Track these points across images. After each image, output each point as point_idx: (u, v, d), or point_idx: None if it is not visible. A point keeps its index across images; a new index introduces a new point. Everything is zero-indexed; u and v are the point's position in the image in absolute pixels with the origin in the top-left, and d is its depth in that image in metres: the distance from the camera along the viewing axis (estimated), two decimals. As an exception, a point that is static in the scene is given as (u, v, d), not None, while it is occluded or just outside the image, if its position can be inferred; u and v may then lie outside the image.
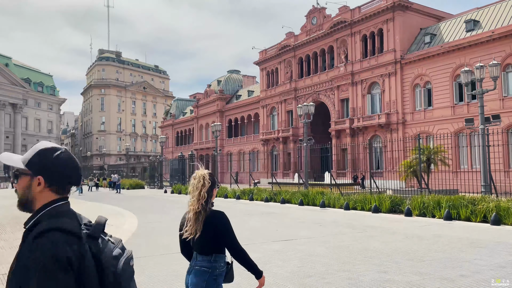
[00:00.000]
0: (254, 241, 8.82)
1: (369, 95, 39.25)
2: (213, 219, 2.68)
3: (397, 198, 15.21)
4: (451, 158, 29.73)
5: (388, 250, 7.84)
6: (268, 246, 8.24)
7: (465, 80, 16.32)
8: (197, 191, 2.69)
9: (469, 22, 32.77)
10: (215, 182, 2.78)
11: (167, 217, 14.32)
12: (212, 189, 2.74)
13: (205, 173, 2.76)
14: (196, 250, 2.74)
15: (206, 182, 2.70)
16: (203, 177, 2.72)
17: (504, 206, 11.91)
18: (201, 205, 2.67)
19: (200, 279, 2.68)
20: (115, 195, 28.56)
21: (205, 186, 2.69)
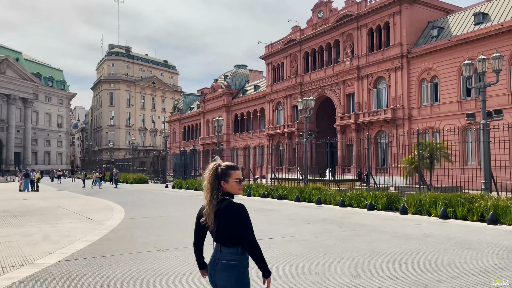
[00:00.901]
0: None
1: (375, 90, 38.57)
2: (228, 211, 2.62)
3: (393, 195, 14.78)
4: (457, 154, 29.06)
5: (369, 251, 7.48)
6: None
7: (467, 74, 15.74)
8: (206, 182, 2.71)
9: (478, 15, 31.85)
10: (223, 173, 2.68)
11: (156, 212, 14.12)
12: (220, 180, 2.67)
13: (216, 164, 2.73)
14: (220, 242, 2.68)
15: (212, 173, 2.68)
16: (212, 168, 2.71)
17: (502, 205, 11.42)
18: (210, 196, 2.67)
19: (230, 274, 2.62)
20: (115, 190, 28.58)
21: (212, 177, 2.68)
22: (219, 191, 2.67)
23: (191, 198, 20.00)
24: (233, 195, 2.72)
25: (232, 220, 2.62)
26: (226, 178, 2.68)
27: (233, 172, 2.70)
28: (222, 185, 2.67)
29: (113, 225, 10.50)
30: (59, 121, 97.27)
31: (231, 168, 2.72)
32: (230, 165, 2.75)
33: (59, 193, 25.99)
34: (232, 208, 2.63)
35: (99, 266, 6.21)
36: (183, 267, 6.10)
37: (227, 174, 2.68)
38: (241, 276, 2.65)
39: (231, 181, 2.68)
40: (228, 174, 2.69)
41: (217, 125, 31.34)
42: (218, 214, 2.64)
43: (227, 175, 2.68)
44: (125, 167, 51.87)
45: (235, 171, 2.72)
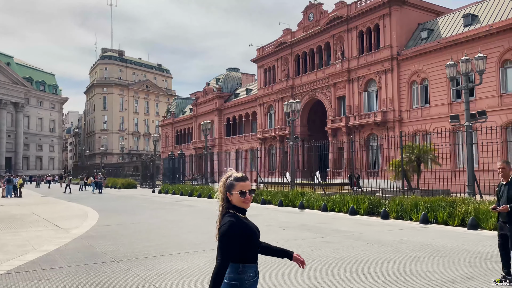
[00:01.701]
0: (183, 250, 8.12)
1: (365, 93, 38.34)
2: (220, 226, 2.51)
3: (376, 200, 14.42)
4: (447, 157, 28.79)
5: (334, 260, 7.10)
6: (193, 256, 7.52)
7: (450, 75, 15.45)
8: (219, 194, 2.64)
9: (467, 17, 31.72)
10: (230, 185, 2.57)
11: (131, 219, 13.68)
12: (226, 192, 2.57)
13: (228, 175, 2.63)
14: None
15: (223, 184, 2.61)
16: (223, 179, 2.64)
17: (483, 209, 11.08)
18: (219, 209, 2.61)
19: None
20: (99, 195, 28.11)
21: (223, 188, 2.61)
22: (225, 205, 2.59)
23: (173, 204, 19.56)
24: (241, 208, 2.58)
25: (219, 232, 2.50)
26: (230, 190, 2.56)
27: (237, 183, 2.56)
28: (229, 197, 2.57)
29: (79, 234, 10.07)
30: (51, 125, 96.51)
31: (236, 179, 2.58)
32: (238, 176, 2.60)
33: (41, 199, 25.48)
34: (225, 220, 2.50)
35: (37, 279, 5.79)
36: (127, 281, 5.68)
37: (232, 186, 2.57)
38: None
39: (235, 193, 2.55)
40: (233, 186, 2.56)
41: (205, 129, 30.94)
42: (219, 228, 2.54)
43: (231, 186, 2.57)
44: (116, 172, 51.31)
45: (240, 183, 2.57)
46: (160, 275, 5.92)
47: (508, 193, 5.69)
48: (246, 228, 2.53)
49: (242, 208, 2.58)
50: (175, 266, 6.49)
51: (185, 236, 9.77)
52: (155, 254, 7.49)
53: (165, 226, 11.69)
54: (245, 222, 2.55)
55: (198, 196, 23.95)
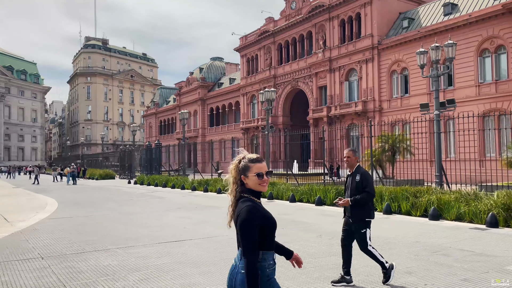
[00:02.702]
0: (121, 244, 7.73)
1: (347, 82, 38.07)
2: (238, 211, 2.32)
3: (343, 190, 14.13)
4: (426, 147, 28.74)
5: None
6: (126, 252, 7.13)
7: (421, 62, 15.17)
8: (229, 176, 2.44)
9: (447, 6, 31.50)
10: (245, 167, 2.38)
11: (90, 211, 13.21)
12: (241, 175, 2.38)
13: (240, 157, 2.43)
14: (239, 246, 2.34)
15: (235, 167, 2.41)
16: (235, 162, 2.43)
17: (445, 199, 10.88)
18: (230, 192, 2.43)
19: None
20: (72, 186, 27.49)
21: (235, 171, 2.41)
22: (239, 188, 2.39)
23: (143, 196, 19.09)
24: (257, 192, 2.38)
25: (238, 222, 2.30)
26: (246, 172, 2.37)
27: (253, 165, 2.38)
28: (243, 180, 2.38)
29: (23, 227, 9.60)
30: (33, 115, 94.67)
31: (251, 160, 2.40)
32: (252, 157, 2.42)
33: (10, 190, 24.77)
34: (242, 208, 2.30)
35: None
36: (37, 281, 5.24)
37: (247, 168, 2.38)
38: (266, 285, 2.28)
39: (251, 175, 2.36)
40: (248, 168, 2.38)
41: (183, 118, 30.38)
42: (235, 213, 2.35)
43: (247, 168, 2.38)
44: (96, 162, 50.43)
45: (256, 164, 2.38)
46: (79, 273, 5.52)
47: (351, 185, 5.15)
48: (265, 212, 2.33)
49: (258, 191, 2.39)
50: (100, 263, 6.09)
51: (133, 230, 9.36)
52: (90, 249, 7.08)
53: (119, 219, 11.27)
54: (262, 206, 2.37)
55: (172, 187, 23.51)
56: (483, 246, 7.35)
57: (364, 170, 5.30)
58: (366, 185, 5.10)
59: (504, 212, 9.43)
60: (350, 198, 5.11)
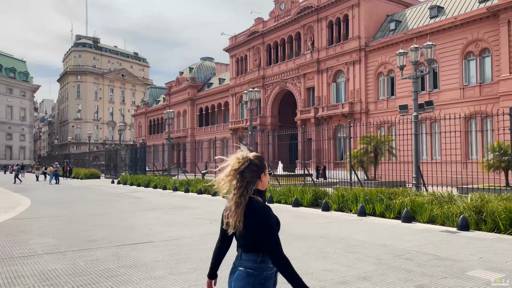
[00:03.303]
0: (61, 249, 7.48)
1: (334, 84, 38.07)
2: (255, 212, 2.25)
3: (320, 191, 14.03)
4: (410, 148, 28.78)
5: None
6: (61, 257, 6.89)
7: (400, 63, 15.10)
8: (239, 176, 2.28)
9: (434, 8, 31.62)
10: (263, 166, 2.35)
11: (60, 211, 12.92)
12: (256, 175, 2.30)
13: (250, 155, 2.35)
14: (240, 247, 2.35)
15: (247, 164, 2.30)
16: (243, 159, 2.32)
17: (419, 201, 10.77)
18: (241, 192, 2.27)
19: (245, 282, 2.28)
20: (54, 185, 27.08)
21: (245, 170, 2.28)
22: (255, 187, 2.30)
23: (121, 196, 18.80)
24: (261, 191, 2.35)
25: (256, 223, 2.24)
26: (264, 170, 2.34)
27: (265, 163, 2.40)
28: (262, 178, 2.33)
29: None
30: (22, 114, 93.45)
31: (263, 158, 2.40)
32: (260, 155, 2.40)
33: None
34: (258, 208, 2.26)
35: None
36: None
37: (265, 166, 2.36)
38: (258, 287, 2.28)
39: (266, 173, 2.37)
40: (265, 166, 2.37)
41: (168, 118, 30.10)
42: (247, 215, 2.26)
43: (265, 167, 2.36)
44: (83, 161, 49.87)
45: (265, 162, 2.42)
46: (19, 278, 5.27)
47: None
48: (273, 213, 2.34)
49: (263, 190, 2.37)
50: (47, 266, 5.85)
51: (96, 231, 9.11)
52: (41, 252, 6.83)
53: (87, 219, 11.00)
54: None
55: (154, 187, 23.23)
56: (449, 250, 7.24)
57: None
58: None
59: (475, 215, 9.35)
60: None
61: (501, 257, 6.60)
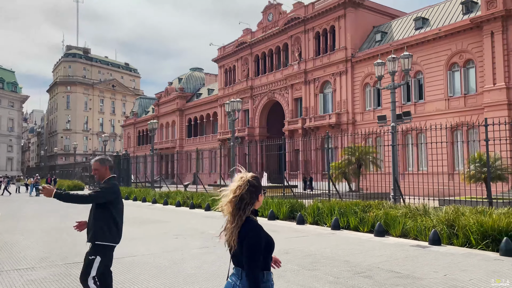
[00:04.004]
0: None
1: (321, 94, 37.99)
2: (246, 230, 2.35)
3: (297, 204, 13.66)
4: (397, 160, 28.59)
5: (186, 275, 6.18)
6: None
7: (378, 74, 14.93)
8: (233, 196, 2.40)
9: (418, 20, 31.80)
10: (259, 187, 2.46)
11: (24, 226, 12.42)
12: (254, 196, 2.42)
13: (247, 176, 2.46)
14: (238, 265, 2.40)
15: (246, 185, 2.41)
16: (244, 180, 2.43)
17: (393, 214, 10.45)
18: (239, 214, 2.38)
19: None
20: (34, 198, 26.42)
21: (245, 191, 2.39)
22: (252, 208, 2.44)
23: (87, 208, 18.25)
24: (256, 211, 2.49)
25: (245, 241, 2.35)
26: (261, 191, 2.48)
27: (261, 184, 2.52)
28: (259, 199, 2.46)
29: None
30: (10, 124, 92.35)
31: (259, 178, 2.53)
32: (256, 175, 2.51)
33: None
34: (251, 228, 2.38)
35: None
36: None
37: (261, 187, 2.48)
38: None
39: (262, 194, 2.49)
40: (261, 186, 2.49)
41: (151, 129, 29.67)
42: (241, 234, 2.38)
43: (261, 188, 2.48)
44: (69, 173, 49.05)
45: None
46: None
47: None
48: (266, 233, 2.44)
49: (257, 210, 2.49)
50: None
51: (39, 249, 8.66)
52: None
53: (41, 235, 10.54)
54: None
55: (134, 200, 22.71)
56: (414, 266, 6.90)
57: (109, 179, 4.31)
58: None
59: (447, 228, 9.04)
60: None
61: (465, 275, 6.27)
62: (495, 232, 8.27)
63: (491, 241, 8.26)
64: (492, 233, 8.31)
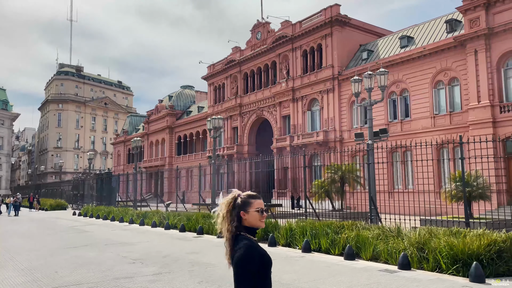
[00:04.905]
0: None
1: (309, 112, 37.81)
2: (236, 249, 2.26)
3: (271, 224, 13.14)
4: (384, 178, 28.21)
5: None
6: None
7: (355, 90, 14.68)
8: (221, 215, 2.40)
9: (404, 38, 31.94)
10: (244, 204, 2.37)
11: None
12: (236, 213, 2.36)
13: (235, 194, 2.45)
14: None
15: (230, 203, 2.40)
16: (230, 198, 2.43)
17: (365, 236, 9.98)
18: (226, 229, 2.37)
19: None
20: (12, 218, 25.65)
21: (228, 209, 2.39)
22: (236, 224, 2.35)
23: (70, 229, 17.63)
24: (253, 229, 2.41)
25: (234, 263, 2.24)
26: (246, 208, 2.38)
27: (254, 201, 2.42)
28: (242, 216, 2.37)
29: None
30: (0, 142, 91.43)
31: (251, 197, 2.45)
32: (251, 194, 2.49)
33: None
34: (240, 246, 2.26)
35: None
36: None
37: (247, 204, 2.40)
38: None
39: (252, 210, 2.39)
40: (249, 204, 2.40)
41: (135, 146, 29.17)
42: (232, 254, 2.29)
43: (247, 204, 2.40)
44: (53, 192, 48.13)
45: (256, 200, 2.43)
46: None
47: None
48: (263, 253, 2.31)
49: (255, 228, 2.42)
50: None
51: None
52: None
53: (11, 256, 9.97)
54: (258, 244, 2.35)
55: (112, 220, 22.03)
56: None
57: None
58: None
59: (418, 252, 8.57)
60: None
61: (425, 305, 5.79)
62: (465, 256, 7.82)
63: (462, 266, 7.81)
64: (462, 257, 7.86)
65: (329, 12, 35.39)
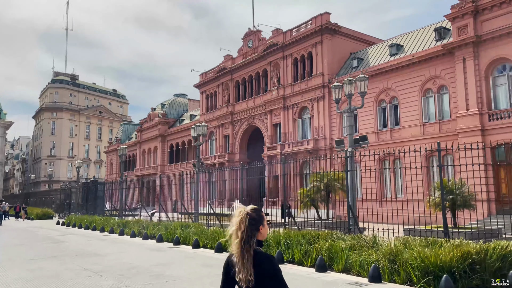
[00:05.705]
0: None
1: (300, 120, 37.55)
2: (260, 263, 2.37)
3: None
4: (374, 186, 27.86)
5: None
6: None
7: (336, 96, 14.40)
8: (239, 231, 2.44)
9: (393, 47, 31.85)
10: (260, 219, 2.49)
11: None
12: (255, 228, 2.46)
13: (248, 209, 2.52)
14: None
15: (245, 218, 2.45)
16: (243, 214, 2.47)
17: (338, 247, 9.58)
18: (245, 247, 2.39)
19: None
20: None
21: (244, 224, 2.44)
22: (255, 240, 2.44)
23: (47, 239, 17.13)
24: (261, 242, 2.50)
25: (266, 273, 2.35)
26: (263, 222, 2.50)
27: (264, 215, 2.54)
28: (260, 230, 2.47)
29: None
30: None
31: (261, 210, 2.53)
32: (257, 207, 2.54)
33: None
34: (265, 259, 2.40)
35: None
36: None
37: (263, 218, 2.51)
38: None
39: (266, 224, 2.52)
40: (263, 218, 2.52)
41: (121, 154, 28.76)
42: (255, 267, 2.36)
43: (263, 218, 2.51)
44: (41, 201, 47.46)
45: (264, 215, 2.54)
46: None
47: None
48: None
49: (262, 240, 2.49)
50: None
51: None
52: None
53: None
54: None
55: (93, 229, 21.52)
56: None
57: None
58: None
59: (389, 263, 8.18)
60: None
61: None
62: (437, 268, 7.44)
63: (433, 278, 7.42)
64: (433, 270, 7.47)
65: (320, 20, 35.34)
